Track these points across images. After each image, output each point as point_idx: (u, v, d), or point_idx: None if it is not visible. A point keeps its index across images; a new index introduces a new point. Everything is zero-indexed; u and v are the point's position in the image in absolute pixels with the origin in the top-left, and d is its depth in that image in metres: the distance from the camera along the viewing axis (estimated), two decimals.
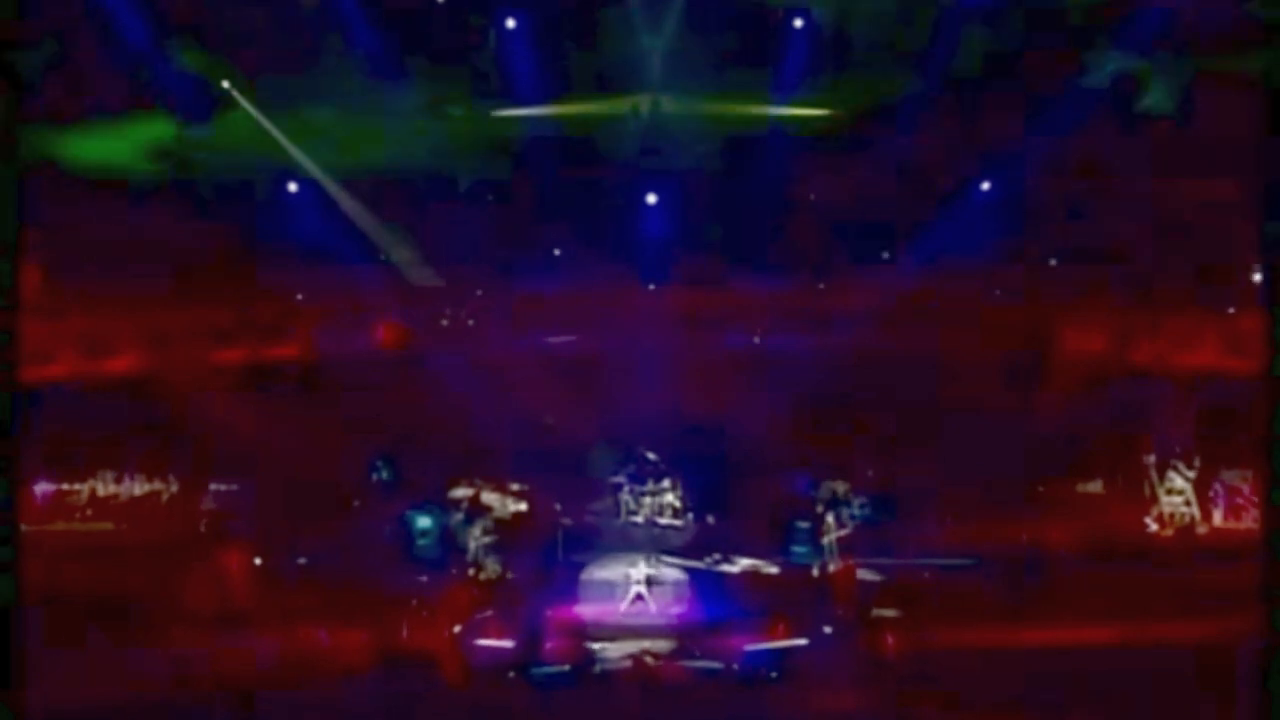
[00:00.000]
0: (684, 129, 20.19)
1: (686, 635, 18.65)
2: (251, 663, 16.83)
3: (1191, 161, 19.09)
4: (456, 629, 18.44)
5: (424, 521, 21.48)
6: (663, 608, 19.67)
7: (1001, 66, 19.41)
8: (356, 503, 21.77)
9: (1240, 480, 21.06)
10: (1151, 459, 21.74)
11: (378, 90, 19.74)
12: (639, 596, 19.67)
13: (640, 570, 19.90)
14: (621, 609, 19.54)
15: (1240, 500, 21.00)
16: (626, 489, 22.04)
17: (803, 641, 17.96)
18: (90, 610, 16.77)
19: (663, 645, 18.31)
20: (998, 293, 21.59)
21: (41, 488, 21.06)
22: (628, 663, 17.97)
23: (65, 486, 21.62)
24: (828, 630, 18.43)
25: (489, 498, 21.71)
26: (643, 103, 20.02)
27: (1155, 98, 19.60)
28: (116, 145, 19.36)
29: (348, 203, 20.97)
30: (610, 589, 19.87)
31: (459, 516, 21.45)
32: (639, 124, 20.20)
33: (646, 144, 20.47)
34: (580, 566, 20.43)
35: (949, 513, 21.26)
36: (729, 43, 19.59)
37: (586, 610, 19.47)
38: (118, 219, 19.22)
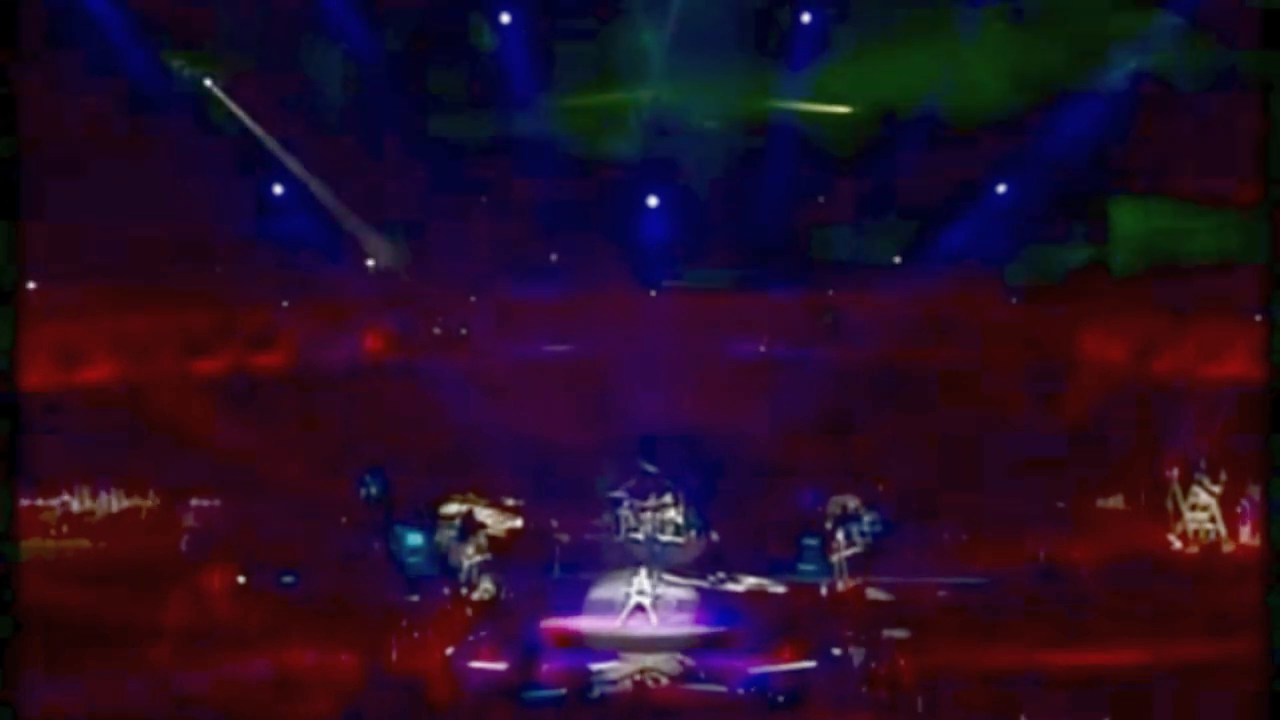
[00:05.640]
0: (688, 127, 19.83)
1: (688, 653, 18.16)
2: (234, 685, 16.22)
3: (1214, 159, 18.70)
4: (448, 651, 17.96)
5: (414, 539, 21.34)
6: (663, 619, 19.30)
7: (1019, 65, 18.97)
8: (344, 519, 21.51)
9: None
10: (1175, 473, 21.42)
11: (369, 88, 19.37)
12: (639, 608, 19.32)
13: (641, 581, 19.53)
14: (619, 622, 19.13)
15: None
16: (626, 504, 21.88)
17: (810, 664, 17.47)
18: (66, 631, 16.15)
19: (663, 663, 17.82)
20: (1014, 300, 21.22)
21: None
22: (628, 685, 17.41)
23: (39, 502, 21.28)
24: (836, 652, 17.89)
25: (482, 514, 21.60)
26: (645, 100, 19.61)
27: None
28: None
29: (336, 206, 20.63)
30: (609, 606, 19.49)
31: (451, 533, 21.30)
32: (641, 122, 19.83)
33: (649, 143, 20.08)
34: (577, 585, 20.10)
35: (963, 529, 21.02)
36: (736, 38, 19.17)
37: (584, 624, 19.10)
38: (93, 220, 18.79)
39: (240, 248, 20.24)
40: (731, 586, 20.59)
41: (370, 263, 21.42)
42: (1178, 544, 21.29)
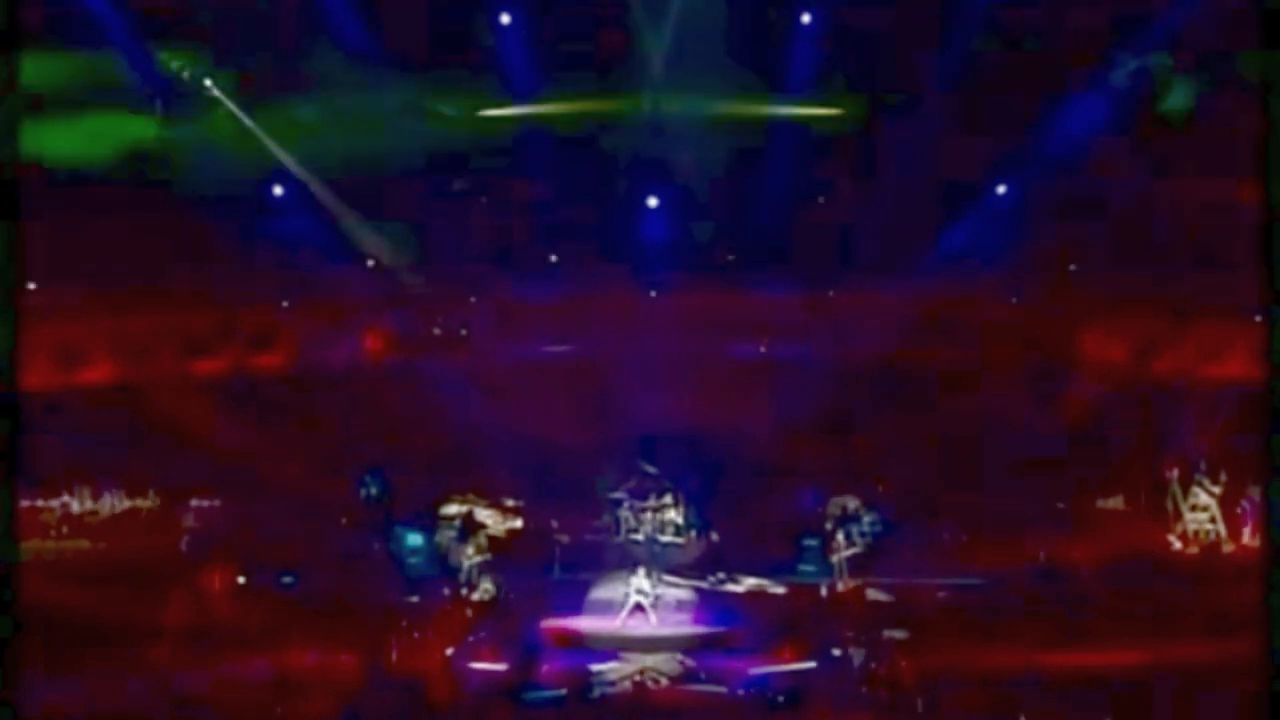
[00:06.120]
0: (688, 128, 19.68)
1: (688, 653, 18.12)
2: (234, 685, 16.17)
3: (1215, 162, 18.57)
4: (449, 651, 17.91)
5: (414, 539, 21.35)
6: (663, 619, 19.27)
7: (1019, 65, 18.84)
8: (344, 519, 21.49)
9: None
10: (1175, 474, 21.40)
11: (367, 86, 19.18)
12: (639, 607, 19.26)
13: (640, 580, 19.49)
14: (619, 622, 19.08)
15: None
16: (626, 505, 21.89)
17: (810, 664, 17.42)
18: (66, 631, 16.10)
19: (663, 663, 17.76)
20: (1014, 300, 21.16)
21: None
22: (628, 686, 17.35)
23: (39, 503, 21.29)
24: (836, 653, 17.84)
25: (482, 514, 21.56)
26: (645, 101, 19.48)
27: (1176, 98, 19.14)
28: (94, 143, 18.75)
29: (336, 206, 20.49)
30: (609, 606, 19.47)
31: (451, 534, 21.21)
32: (641, 123, 19.69)
33: (649, 144, 19.95)
34: (577, 586, 20.08)
35: (963, 530, 20.92)
36: (736, 37, 19.02)
37: (584, 624, 19.06)
38: (92, 221, 18.67)
39: (240, 248, 20.10)
40: (731, 587, 20.57)
41: (370, 263, 21.27)
42: (1178, 544, 21.28)
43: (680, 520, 21.71)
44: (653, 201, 20.65)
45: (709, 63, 19.12)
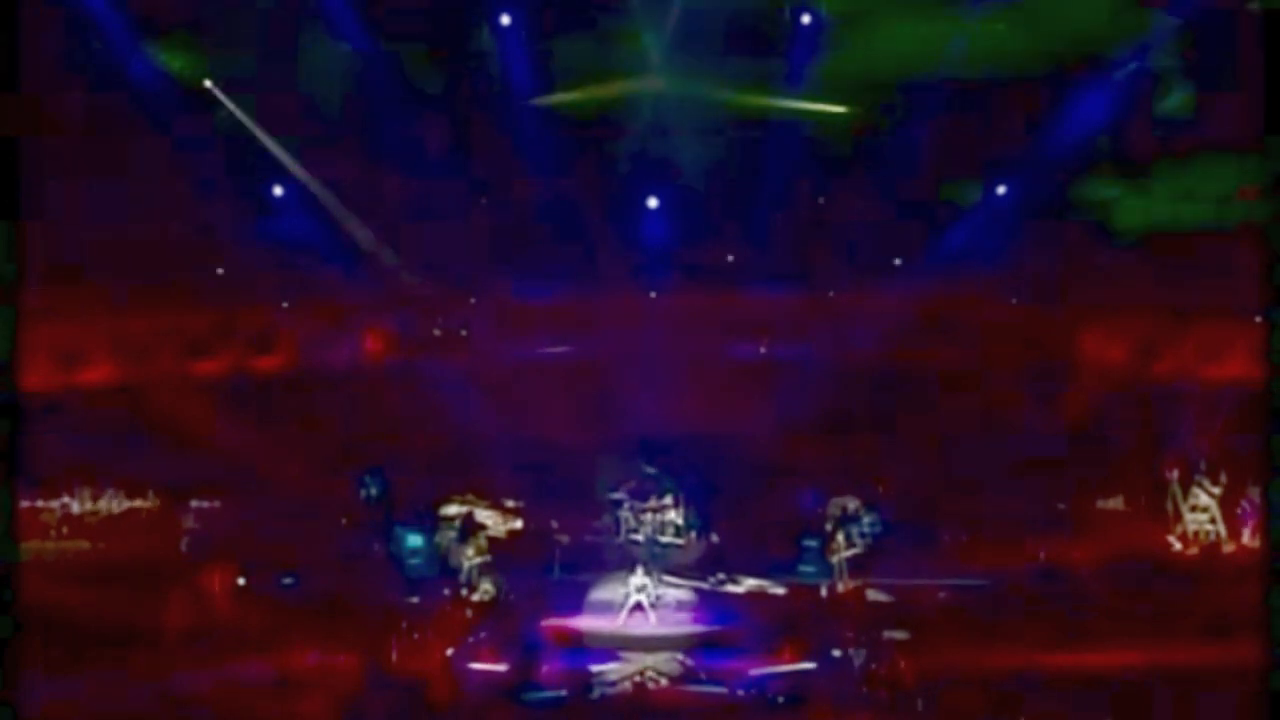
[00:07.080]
0: (688, 126, 19.70)
1: (688, 654, 18.09)
2: (234, 685, 16.14)
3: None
4: (449, 652, 17.88)
5: (414, 540, 21.33)
6: (663, 619, 19.22)
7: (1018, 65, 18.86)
8: (344, 520, 21.48)
9: None
10: (1175, 474, 21.39)
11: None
12: (639, 606, 19.21)
13: (640, 580, 19.42)
14: (619, 621, 19.04)
15: None
16: (626, 506, 21.89)
17: (810, 665, 17.35)
18: (66, 632, 16.10)
19: (664, 663, 17.74)
20: (1014, 300, 21.17)
21: None
22: (628, 686, 17.32)
23: (39, 503, 21.27)
24: (836, 653, 17.80)
25: (482, 515, 21.55)
26: (645, 97, 19.49)
27: (1176, 98, 19.17)
28: None
29: (336, 206, 20.50)
30: (609, 606, 19.42)
31: (451, 534, 21.19)
32: (641, 121, 19.72)
33: (649, 142, 19.97)
34: (577, 586, 20.06)
35: (963, 531, 20.86)
36: (736, 35, 19.04)
37: (584, 624, 19.03)
38: (92, 220, 18.69)
39: (240, 248, 20.11)
40: (731, 587, 20.57)
41: (369, 259, 21.29)
42: (1178, 545, 21.28)
43: (680, 521, 21.72)
44: (653, 202, 20.69)
45: (709, 60, 19.15)
